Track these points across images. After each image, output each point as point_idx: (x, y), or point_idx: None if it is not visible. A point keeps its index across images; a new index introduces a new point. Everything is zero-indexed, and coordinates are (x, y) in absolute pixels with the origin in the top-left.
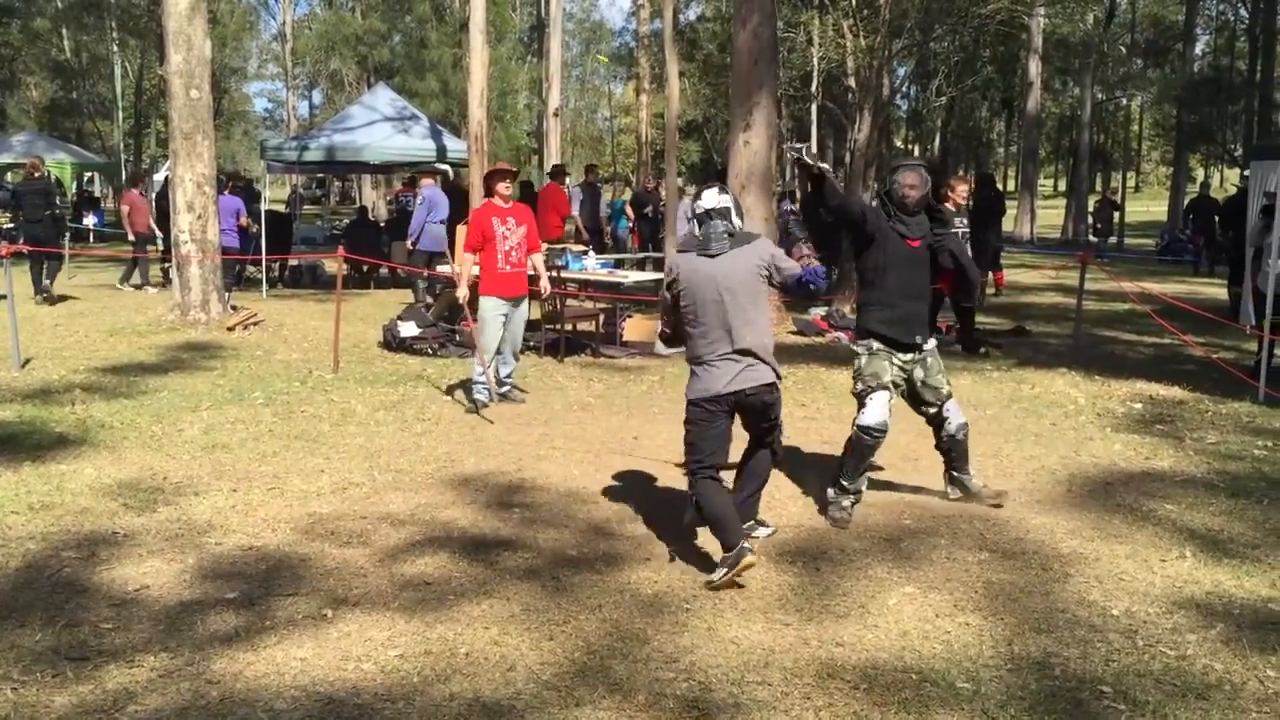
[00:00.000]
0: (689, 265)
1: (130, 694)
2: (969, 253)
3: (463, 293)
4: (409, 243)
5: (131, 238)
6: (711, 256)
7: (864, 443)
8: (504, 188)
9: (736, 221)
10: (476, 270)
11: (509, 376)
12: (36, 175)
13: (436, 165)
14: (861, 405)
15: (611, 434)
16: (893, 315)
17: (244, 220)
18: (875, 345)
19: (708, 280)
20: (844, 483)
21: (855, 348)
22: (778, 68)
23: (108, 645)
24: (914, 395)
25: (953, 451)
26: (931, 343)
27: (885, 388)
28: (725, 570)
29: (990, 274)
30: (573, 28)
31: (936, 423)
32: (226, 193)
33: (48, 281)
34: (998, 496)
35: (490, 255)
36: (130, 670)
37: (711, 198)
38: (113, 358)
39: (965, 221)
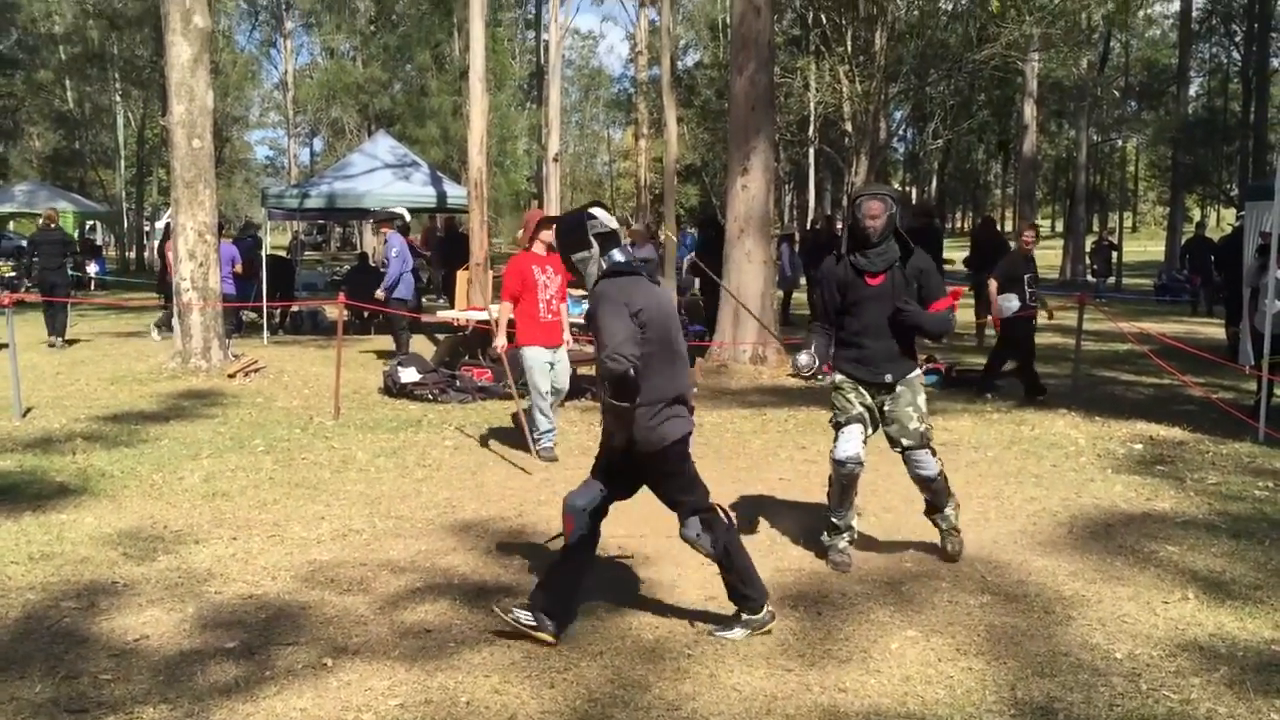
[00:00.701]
0: (650, 291)
1: None
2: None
3: (500, 341)
4: (382, 294)
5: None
6: (658, 283)
7: (839, 474)
8: (547, 235)
9: None
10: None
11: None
12: (53, 226)
13: (392, 209)
14: (835, 438)
15: None
16: (859, 355)
17: (238, 267)
18: (839, 378)
19: (670, 308)
20: (833, 520)
21: (831, 380)
22: (774, 113)
23: (107, 696)
24: (885, 430)
25: (925, 496)
26: (914, 373)
27: (856, 420)
28: (747, 632)
29: (988, 315)
30: (572, 74)
31: (905, 461)
32: (223, 241)
33: (56, 335)
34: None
35: (531, 304)
36: None
37: (609, 216)
38: (114, 406)
39: (1032, 264)
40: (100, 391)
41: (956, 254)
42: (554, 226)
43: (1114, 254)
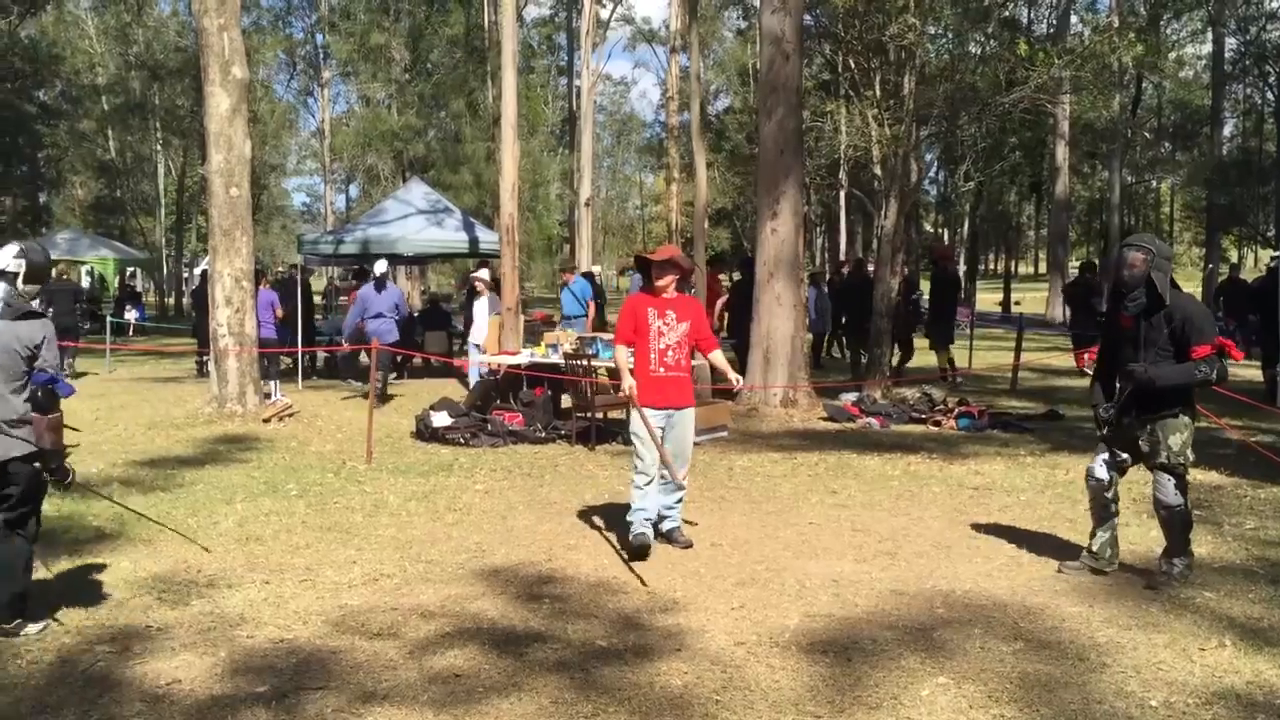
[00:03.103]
0: None
1: None
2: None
3: (629, 383)
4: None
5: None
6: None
7: (1088, 486)
8: (666, 281)
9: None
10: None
11: (673, 506)
12: (65, 277)
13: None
14: None
15: None
16: (1110, 385)
17: (279, 312)
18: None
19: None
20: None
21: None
22: (803, 157)
23: None
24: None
25: (1161, 525)
26: (1172, 415)
27: (1103, 439)
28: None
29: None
30: (604, 120)
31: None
32: (264, 287)
33: (70, 361)
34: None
35: (642, 354)
36: None
37: (11, 258)
38: (150, 451)
39: None
40: (138, 436)
41: (990, 295)
42: (670, 273)
43: None
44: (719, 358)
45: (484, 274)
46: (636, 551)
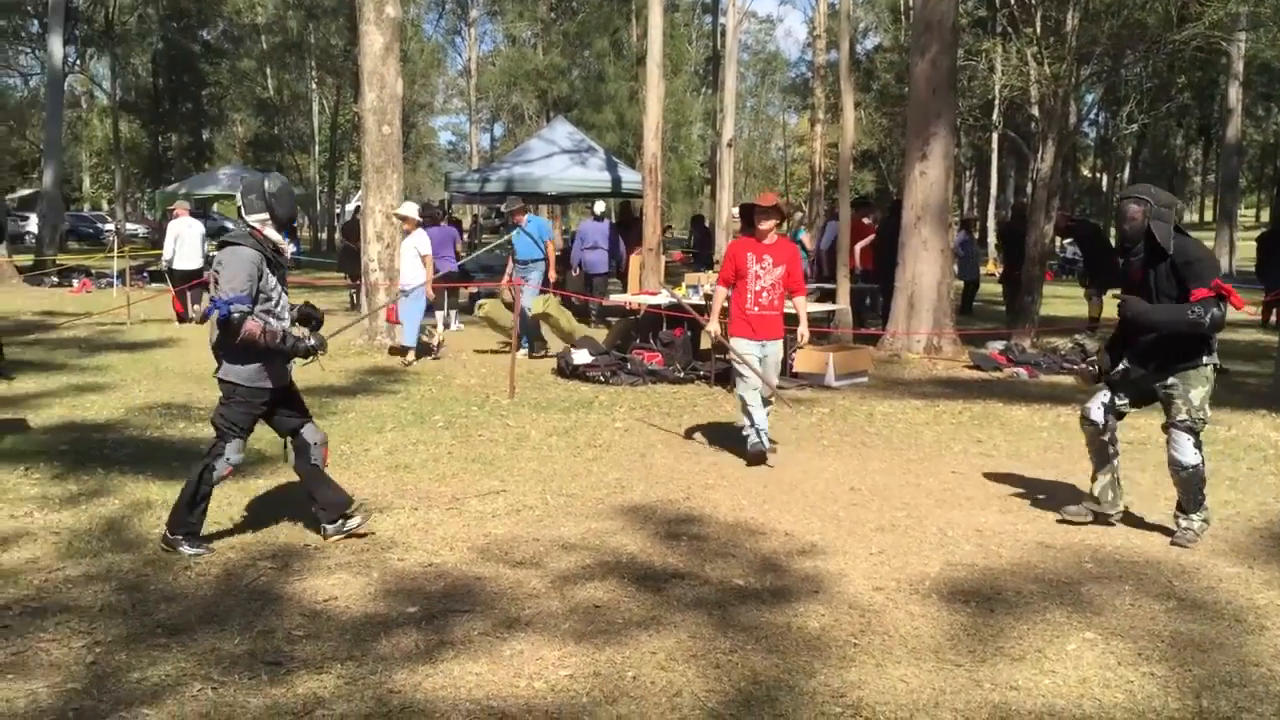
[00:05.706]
0: None
1: (319, 699)
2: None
3: (713, 327)
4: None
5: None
6: None
7: (1084, 429)
8: (766, 226)
9: None
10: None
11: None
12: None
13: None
14: None
15: (780, 465)
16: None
17: (460, 247)
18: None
19: None
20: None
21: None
22: (956, 97)
23: (299, 652)
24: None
25: (1178, 485)
26: (1191, 366)
27: (1109, 384)
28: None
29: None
30: (748, 59)
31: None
32: (445, 223)
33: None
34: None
35: (740, 293)
36: (319, 677)
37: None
38: (305, 379)
39: None
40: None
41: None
42: (769, 215)
43: None
44: (803, 304)
45: (410, 209)
46: (754, 458)
